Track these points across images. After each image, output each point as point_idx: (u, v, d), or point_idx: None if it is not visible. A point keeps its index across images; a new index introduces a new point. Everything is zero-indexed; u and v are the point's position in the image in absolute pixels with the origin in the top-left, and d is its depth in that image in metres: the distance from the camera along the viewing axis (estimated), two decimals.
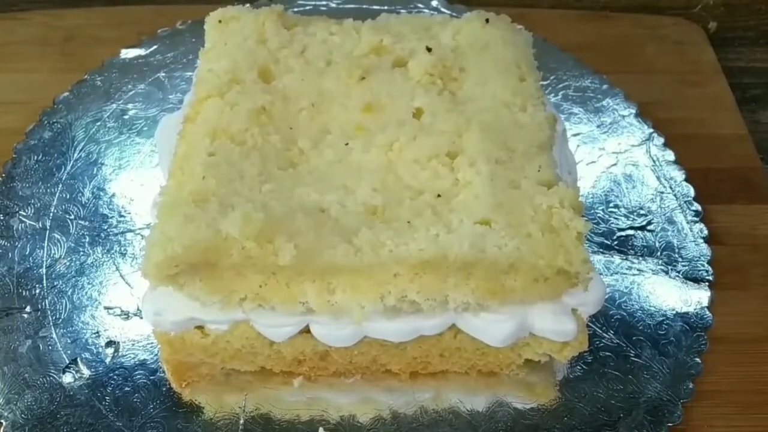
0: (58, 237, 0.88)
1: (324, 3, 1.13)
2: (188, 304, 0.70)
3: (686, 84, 1.12)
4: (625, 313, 0.84)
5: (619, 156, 0.99)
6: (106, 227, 0.90)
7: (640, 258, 0.89)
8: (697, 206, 0.93)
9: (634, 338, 0.82)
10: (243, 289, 0.69)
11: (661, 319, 0.83)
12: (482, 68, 0.82)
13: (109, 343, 0.80)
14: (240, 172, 0.71)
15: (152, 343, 0.79)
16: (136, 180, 0.94)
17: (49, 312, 0.82)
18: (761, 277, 0.91)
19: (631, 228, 0.92)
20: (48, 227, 0.89)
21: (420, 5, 1.14)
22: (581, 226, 0.68)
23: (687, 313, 0.84)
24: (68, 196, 0.92)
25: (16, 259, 0.86)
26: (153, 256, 0.64)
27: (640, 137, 1.01)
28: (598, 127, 1.02)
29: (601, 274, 0.84)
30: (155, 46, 1.09)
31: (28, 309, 0.82)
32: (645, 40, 1.19)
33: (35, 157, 0.95)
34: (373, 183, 0.72)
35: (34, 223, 0.89)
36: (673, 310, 0.84)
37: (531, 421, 0.76)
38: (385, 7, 1.07)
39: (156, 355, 0.79)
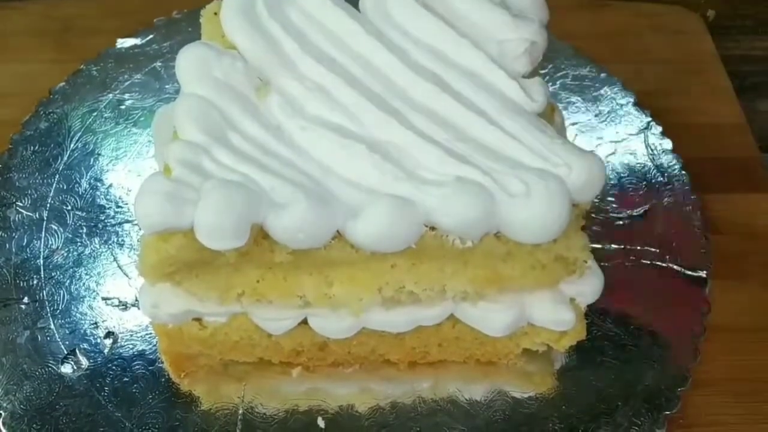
0: (56, 228, 0.88)
1: None
2: (186, 297, 0.70)
3: (684, 73, 1.12)
4: (622, 303, 0.84)
5: (617, 145, 0.99)
6: (103, 218, 0.89)
7: (638, 247, 0.89)
8: (694, 195, 0.93)
9: (631, 327, 0.82)
10: (240, 285, 0.69)
11: (659, 307, 0.83)
12: None
13: (108, 334, 0.80)
14: None
15: (150, 333, 0.79)
16: (133, 171, 0.94)
17: (47, 303, 0.82)
18: (759, 266, 0.91)
19: (629, 217, 0.92)
20: (45, 218, 0.89)
21: None
22: (579, 208, 0.68)
23: (684, 302, 0.84)
24: (65, 187, 0.92)
25: (14, 250, 0.86)
26: (147, 258, 0.64)
27: (638, 126, 1.00)
28: (596, 116, 1.02)
29: (599, 263, 0.84)
30: (151, 36, 1.08)
31: (25, 300, 0.82)
32: (643, 29, 1.18)
33: (32, 148, 0.95)
34: None
35: (31, 214, 0.89)
36: (671, 298, 0.84)
37: (529, 410, 0.77)
38: None
39: (154, 345, 0.79)
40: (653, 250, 0.88)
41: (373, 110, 0.68)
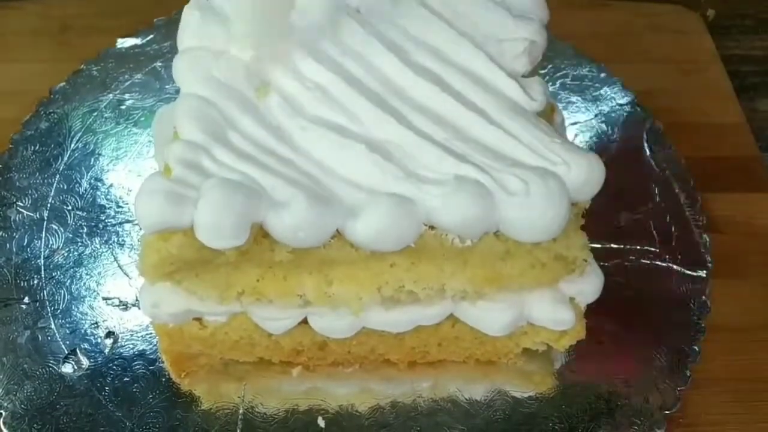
0: (56, 228, 0.88)
1: None
2: (186, 297, 0.70)
3: (684, 72, 1.12)
4: (622, 302, 0.84)
5: (617, 144, 0.99)
6: (103, 218, 0.89)
7: (638, 247, 0.89)
8: (695, 194, 0.93)
9: (631, 326, 0.82)
10: (240, 284, 0.69)
11: (659, 307, 0.83)
12: None
13: (108, 334, 0.80)
14: None
15: (151, 333, 0.79)
16: (133, 171, 0.94)
17: (47, 303, 0.82)
18: (759, 265, 0.91)
19: (629, 217, 0.91)
20: (46, 218, 0.89)
21: None
22: (578, 207, 0.68)
23: (684, 301, 0.84)
24: (66, 187, 0.92)
25: (14, 250, 0.86)
26: (148, 257, 0.64)
27: (638, 126, 1.00)
28: (596, 115, 1.02)
29: (599, 263, 0.84)
30: (151, 36, 1.08)
31: (26, 300, 0.82)
32: (643, 29, 1.18)
33: (32, 148, 0.95)
34: None
35: (31, 214, 0.89)
36: (671, 298, 0.84)
37: (529, 410, 0.77)
38: None
39: (155, 345, 0.79)
40: (653, 250, 0.88)
41: (372, 110, 0.68)
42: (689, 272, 0.86)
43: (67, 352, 0.79)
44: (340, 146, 0.66)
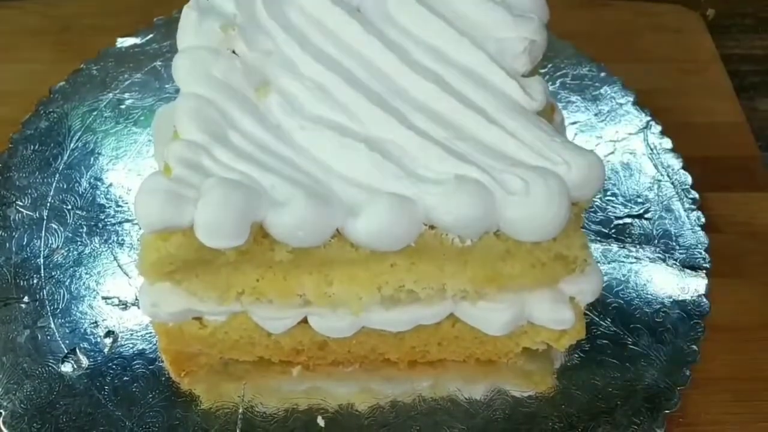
0: (56, 227, 0.88)
1: None
2: (185, 296, 0.70)
3: (684, 72, 1.12)
4: (622, 301, 0.84)
5: (616, 144, 0.99)
6: (103, 217, 0.89)
7: (638, 246, 0.89)
8: (694, 194, 0.93)
9: (631, 326, 0.82)
10: (240, 284, 0.69)
11: (659, 306, 0.83)
12: None
13: (108, 333, 0.80)
14: None
15: (150, 332, 0.79)
16: (133, 170, 0.94)
17: (47, 302, 0.82)
18: (759, 265, 0.91)
19: (629, 216, 0.92)
20: (45, 217, 0.89)
21: None
22: (578, 207, 0.68)
23: (684, 301, 0.84)
24: (65, 186, 0.92)
25: (14, 249, 0.86)
26: (147, 257, 0.64)
27: (637, 125, 1.00)
28: (596, 115, 1.02)
29: (598, 262, 0.84)
30: (151, 35, 1.08)
31: (26, 299, 0.82)
32: (643, 28, 1.18)
33: (32, 147, 0.95)
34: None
35: (31, 213, 0.89)
36: (671, 297, 0.84)
37: (529, 409, 0.77)
38: None
39: (154, 344, 0.79)
40: (653, 249, 0.88)
41: (372, 109, 0.68)
42: (689, 272, 0.86)
43: (66, 351, 0.79)
44: (340, 145, 0.66)
